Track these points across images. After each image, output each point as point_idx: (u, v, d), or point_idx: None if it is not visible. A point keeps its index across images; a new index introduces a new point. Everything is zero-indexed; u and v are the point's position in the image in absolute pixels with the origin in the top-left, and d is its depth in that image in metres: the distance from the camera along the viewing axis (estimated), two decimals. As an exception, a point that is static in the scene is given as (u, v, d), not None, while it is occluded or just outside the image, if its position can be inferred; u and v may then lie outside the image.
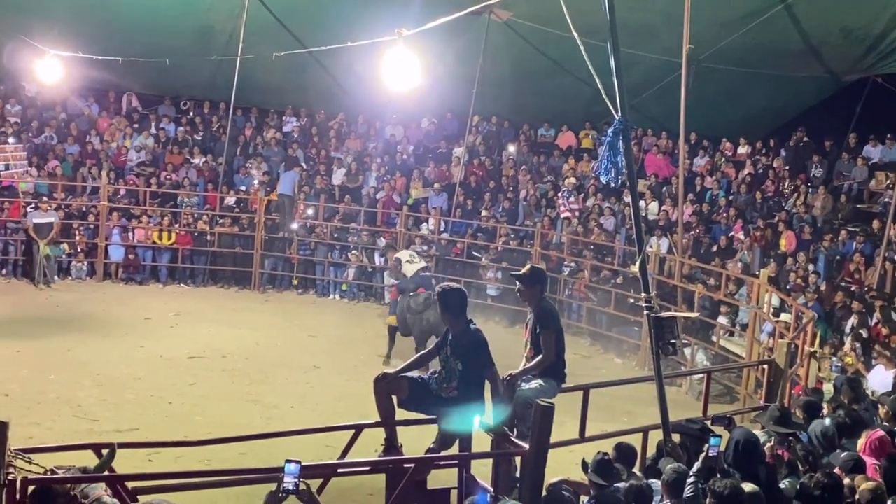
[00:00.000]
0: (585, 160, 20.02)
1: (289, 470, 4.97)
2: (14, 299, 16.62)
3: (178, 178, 20.23)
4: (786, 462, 6.79)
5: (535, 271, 7.41)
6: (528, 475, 5.98)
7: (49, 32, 17.36)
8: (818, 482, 6.03)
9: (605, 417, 9.90)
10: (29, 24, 17.75)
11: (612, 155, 6.82)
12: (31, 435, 9.17)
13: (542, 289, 7.33)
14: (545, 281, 7.43)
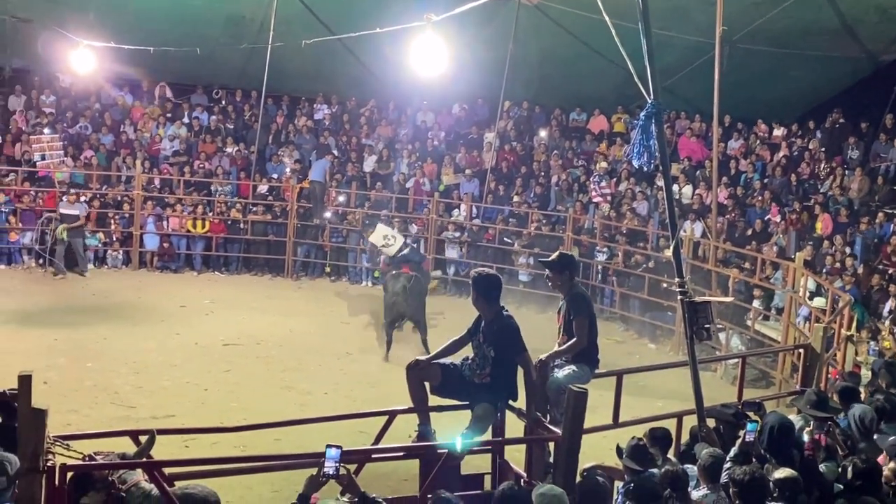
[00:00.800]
0: (618, 144, 19.88)
1: (330, 455, 5.01)
2: (51, 288, 16.86)
3: (212, 166, 20.36)
4: (824, 447, 6.72)
5: (563, 257, 7.34)
6: (561, 461, 5.97)
7: (82, 23, 17.53)
8: (857, 467, 5.96)
9: (639, 403, 9.85)
10: (63, 14, 17.92)
11: (644, 139, 6.75)
12: (69, 422, 9.31)
13: (572, 274, 7.25)
14: (574, 266, 7.36)
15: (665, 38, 15.56)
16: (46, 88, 21.16)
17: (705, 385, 7.25)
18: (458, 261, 18.72)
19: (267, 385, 12.18)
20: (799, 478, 5.69)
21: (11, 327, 14.01)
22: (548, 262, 7.32)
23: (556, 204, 19.17)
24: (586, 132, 21.08)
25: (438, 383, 6.72)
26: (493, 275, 6.74)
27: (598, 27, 12.89)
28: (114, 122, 21.01)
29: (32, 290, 16.60)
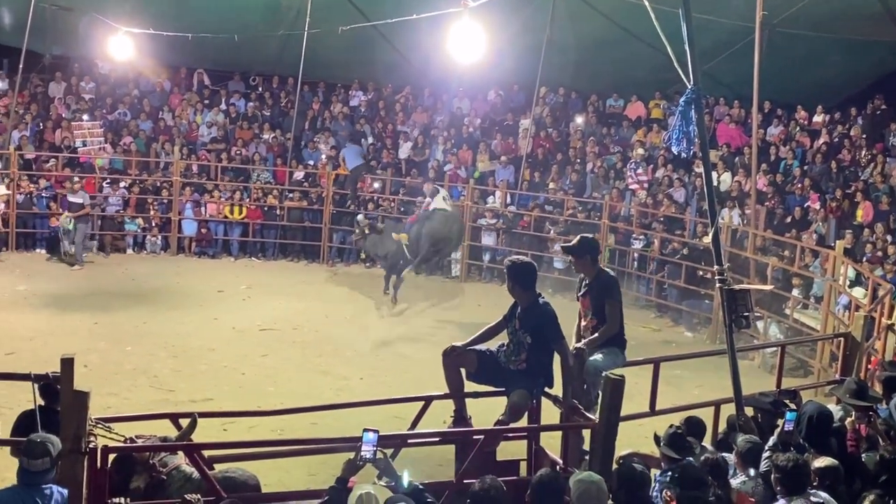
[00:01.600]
0: (655, 131, 19.71)
1: (367, 439, 5.04)
2: (90, 273, 17.08)
3: (249, 153, 20.49)
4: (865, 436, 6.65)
5: (582, 241, 7.23)
6: (598, 448, 5.96)
7: (122, 10, 17.69)
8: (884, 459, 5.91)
9: (675, 391, 9.82)
10: (102, 2, 18.10)
11: (683, 125, 6.70)
12: (110, 405, 9.45)
13: (594, 258, 7.20)
14: (595, 250, 7.28)
15: (704, 21, 15.37)
16: (86, 75, 21.40)
17: (743, 374, 7.20)
18: (494, 248, 18.68)
19: (303, 370, 12.28)
20: (840, 467, 5.65)
21: (53, 311, 14.24)
22: (569, 248, 7.28)
23: (592, 191, 19.07)
24: (623, 118, 20.91)
25: (474, 369, 6.73)
26: (527, 262, 6.72)
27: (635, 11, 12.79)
28: (152, 109, 21.21)
29: (73, 274, 16.84)
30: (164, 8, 18.68)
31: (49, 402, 6.27)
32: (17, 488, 5.02)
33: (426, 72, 20.55)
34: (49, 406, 6.20)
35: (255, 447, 6.80)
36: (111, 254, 18.65)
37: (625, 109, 21.21)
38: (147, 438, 5.96)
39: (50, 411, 6.04)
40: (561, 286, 17.21)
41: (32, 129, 19.79)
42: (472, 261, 18.77)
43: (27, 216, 18.39)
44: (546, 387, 6.64)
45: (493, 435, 6.39)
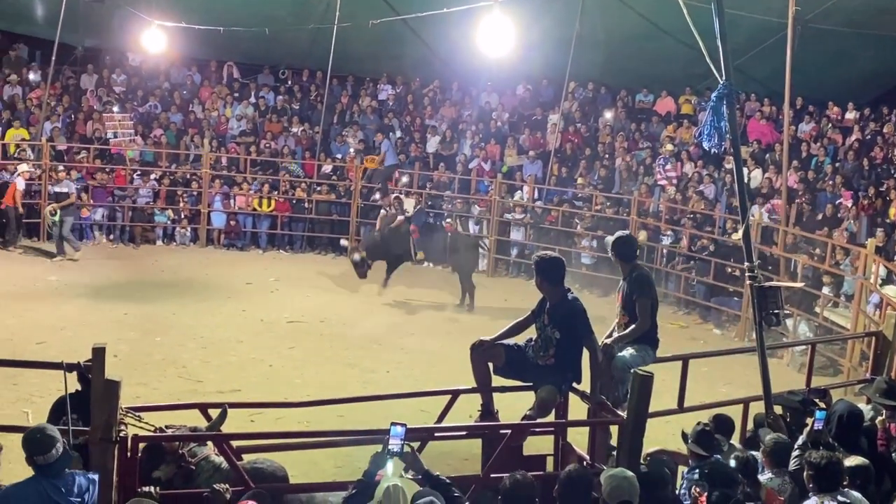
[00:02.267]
0: (685, 126, 19.58)
1: (395, 432, 5.05)
2: (122, 264, 17.23)
3: (277, 146, 20.58)
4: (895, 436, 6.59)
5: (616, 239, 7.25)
6: (625, 444, 5.95)
7: (153, 2, 17.84)
8: None
9: (704, 389, 9.76)
10: (135, -6, 18.24)
11: (715, 120, 6.65)
12: (139, 394, 9.53)
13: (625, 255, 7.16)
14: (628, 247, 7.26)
15: (736, 17, 15.23)
16: (117, 68, 21.57)
17: (771, 372, 7.15)
18: (522, 243, 18.65)
19: (330, 362, 12.32)
20: (870, 466, 5.61)
21: (84, 301, 14.38)
22: (606, 243, 7.29)
23: (621, 186, 18.98)
24: (653, 114, 20.80)
25: (502, 364, 6.73)
26: (555, 257, 6.71)
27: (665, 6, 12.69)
28: (183, 102, 21.35)
29: (104, 264, 16.98)
30: (195, 1, 18.80)
31: (86, 388, 6.36)
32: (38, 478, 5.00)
33: (455, 66, 20.54)
34: (86, 392, 6.29)
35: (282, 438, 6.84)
36: (141, 245, 18.80)
37: (654, 105, 21.09)
38: (176, 429, 6.02)
39: (87, 397, 6.12)
40: (589, 282, 17.19)
41: (64, 121, 19.97)
42: (500, 255, 18.75)
43: (59, 207, 18.54)
44: (574, 382, 6.63)
45: (521, 430, 6.40)
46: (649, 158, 19.19)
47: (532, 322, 6.73)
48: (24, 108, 19.85)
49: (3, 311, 13.40)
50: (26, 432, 5.13)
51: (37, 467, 5.01)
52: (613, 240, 7.21)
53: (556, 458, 6.77)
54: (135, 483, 5.46)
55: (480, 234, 18.84)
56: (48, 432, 5.04)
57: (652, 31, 18.15)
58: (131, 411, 5.76)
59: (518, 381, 6.84)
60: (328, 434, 6.97)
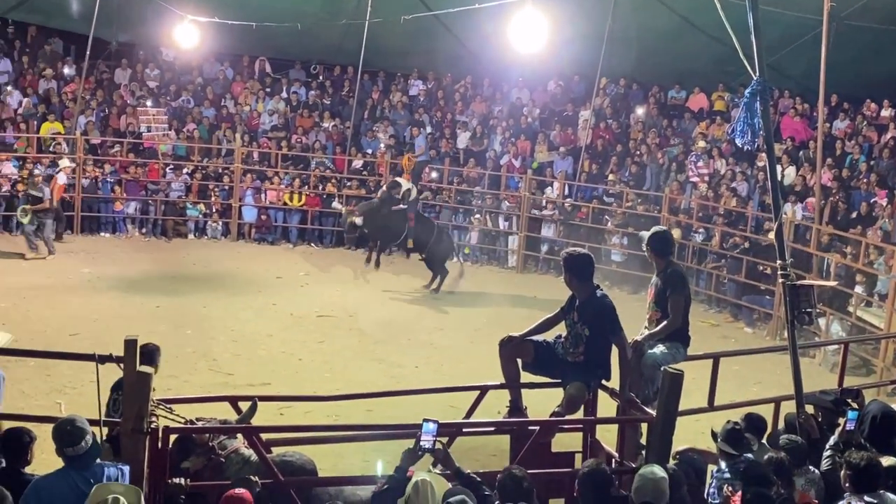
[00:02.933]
0: (717, 123, 19.42)
1: (427, 429, 5.06)
2: (154, 257, 17.39)
3: (308, 141, 20.66)
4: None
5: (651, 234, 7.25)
6: (655, 442, 5.92)
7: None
8: None
9: (734, 388, 9.67)
10: (168, -11, 18.37)
11: (748, 117, 6.60)
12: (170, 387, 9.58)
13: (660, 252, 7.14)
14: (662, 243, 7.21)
15: (770, 14, 15.04)
16: (151, 62, 21.74)
17: (803, 372, 7.07)
18: (552, 239, 18.60)
19: (359, 357, 12.36)
20: (904, 466, 5.55)
21: (116, 294, 14.53)
22: (641, 237, 7.26)
23: (653, 183, 18.86)
24: (685, 110, 20.64)
25: (531, 360, 6.73)
26: (584, 254, 6.70)
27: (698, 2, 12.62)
28: (215, 96, 21.49)
29: (136, 258, 17.15)
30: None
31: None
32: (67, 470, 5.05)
33: (486, 61, 20.50)
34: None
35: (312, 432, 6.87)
36: (173, 238, 18.96)
37: (687, 101, 20.92)
38: (206, 421, 6.07)
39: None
40: (619, 279, 17.13)
41: (98, 115, 20.18)
42: (529, 252, 18.71)
43: (92, 200, 18.76)
44: (603, 379, 6.62)
45: (549, 426, 6.39)
46: (682, 155, 19.05)
47: (561, 319, 6.72)
48: (59, 102, 20.07)
49: (38, 302, 13.58)
50: (56, 424, 5.19)
51: (66, 459, 5.07)
52: (650, 234, 7.19)
53: (584, 456, 6.74)
54: (165, 474, 5.51)
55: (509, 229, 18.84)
56: (78, 424, 5.09)
57: (684, 28, 18.00)
58: (162, 403, 5.81)
59: (547, 377, 6.83)
60: (357, 428, 7.00)
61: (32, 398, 9.65)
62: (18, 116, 19.26)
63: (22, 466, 5.33)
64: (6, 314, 12.84)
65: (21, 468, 5.32)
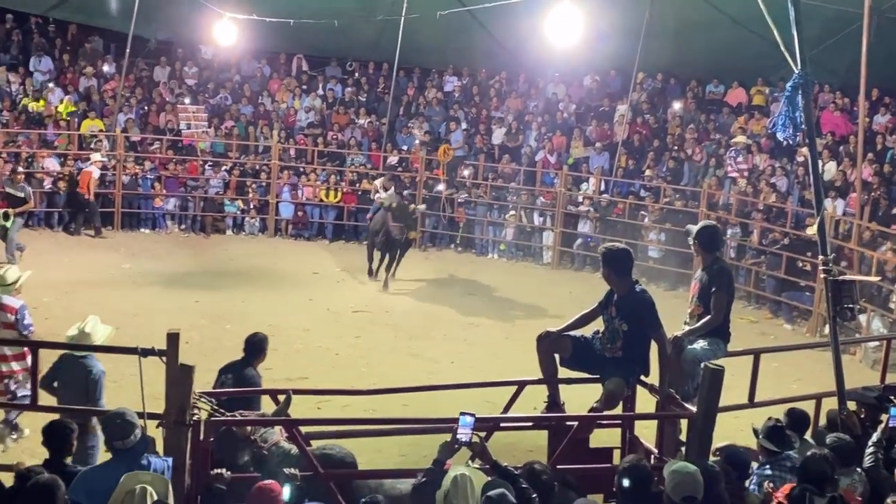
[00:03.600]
0: (756, 118, 19.21)
1: (464, 422, 5.07)
2: (193, 252, 17.57)
3: (344, 137, 20.75)
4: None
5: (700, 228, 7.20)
6: (695, 438, 5.88)
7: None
8: None
9: (773, 384, 9.57)
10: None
11: (790, 110, 6.53)
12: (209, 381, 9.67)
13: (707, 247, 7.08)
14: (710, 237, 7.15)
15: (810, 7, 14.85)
16: (189, 60, 21.92)
17: (844, 368, 7.00)
18: (587, 235, 18.51)
19: (395, 352, 12.41)
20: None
21: (156, 289, 14.70)
22: (688, 233, 7.25)
23: (690, 179, 18.71)
24: (723, 105, 20.44)
25: (569, 355, 6.70)
26: (623, 248, 6.68)
27: (739, -5, 12.47)
28: (253, 94, 21.63)
29: (175, 253, 17.34)
30: (266, -6, 19.03)
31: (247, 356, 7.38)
32: (116, 462, 5.13)
33: (521, 57, 20.44)
34: (245, 359, 7.37)
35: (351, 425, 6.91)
36: (211, 234, 19.14)
37: (725, 96, 20.72)
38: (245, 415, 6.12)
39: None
40: (656, 275, 17.01)
41: (137, 112, 20.40)
42: (565, 248, 18.65)
43: (132, 197, 18.97)
44: (642, 375, 6.58)
45: (587, 422, 6.37)
46: (722, 149, 18.86)
47: (599, 314, 6.69)
48: (99, 100, 20.31)
49: (80, 297, 13.75)
50: (105, 417, 5.27)
51: (115, 451, 5.15)
52: (699, 228, 7.13)
53: (622, 452, 6.72)
54: (207, 466, 5.56)
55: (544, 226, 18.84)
56: (127, 418, 5.18)
57: (723, 21, 17.83)
58: (204, 396, 5.87)
59: (585, 372, 6.81)
60: (395, 422, 7.03)
61: (75, 391, 9.77)
62: (59, 114, 19.52)
63: (64, 458, 5.43)
64: (49, 309, 13.01)
65: (63, 460, 5.41)
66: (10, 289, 8.68)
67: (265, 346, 7.56)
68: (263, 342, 7.55)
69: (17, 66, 20.42)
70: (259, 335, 7.60)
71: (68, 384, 7.47)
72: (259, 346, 7.53)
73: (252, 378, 7.37)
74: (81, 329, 7.69)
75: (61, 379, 7.55)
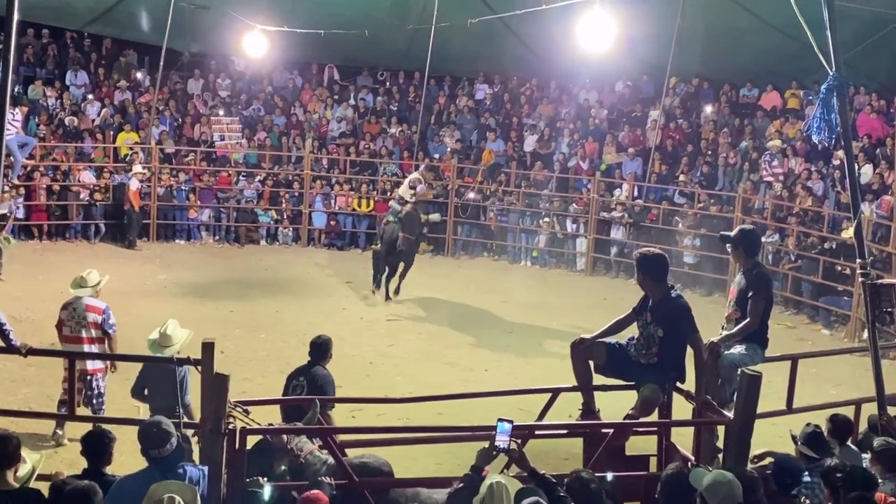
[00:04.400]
0: (791, 121, 19.01)
1: (502, 429, 5.05)
2: (227, 263, 17.71)
3: (376, 147, 20.82)
4: None
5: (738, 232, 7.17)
6: (732, 445, 5.81)
7: (256, 7, 18.24)
8: None
9: (812, 390, 9.46)
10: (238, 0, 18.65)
11: (825, 113, 6.46)
12: (244, 390, 9.74)
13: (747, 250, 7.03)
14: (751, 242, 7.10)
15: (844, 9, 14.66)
16: (222, 72, 22.14)
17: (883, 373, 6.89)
18: (621, 241, 18.41)
19: (429, 360, 12.40)
20: None
21: (191, 299, 14.81)
22: (725, 237, 7.23)
23: (725, 183, 18.55)
24: (758, 108, 20.24)
25: (603, 362, 6.65)
26: (658, 254, 6.63)
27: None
28: (285, 104, 21.78)
29: (210, 264, 17.48)
30: (297, 5, 19.16)
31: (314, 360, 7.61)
32: (151, 470, 5.16)
33: (553, 63, 20.37)
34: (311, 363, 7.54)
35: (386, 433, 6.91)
36: (245, 245, 19.27)
37: (759, 99, 20.51)
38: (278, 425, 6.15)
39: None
40: (691, 280, 16.88)
41: (171, 125, 20.62)
42: (598, 254, 18.56)
43: (167, 208, 19.16)
44: (678, 381, 6.52)
45: (623, 429, 6.31)
46: (755, 153, 18.67)
47: (633, 320, 6.64)
48: (135, 112, 20.55)
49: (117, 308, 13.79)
50: (142, 426, 5.31)
51: (151, 460, 5.19)
52: (738, 232, 7.10)
53: (659, 459, 6.65)
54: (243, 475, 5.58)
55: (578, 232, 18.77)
56: (163, 427, 5.22)
57: (756, 24, 17.66)
58: (239, 405, 5.90)
59: (620, 379, 6.76)
60: (430, 430, 7.01)
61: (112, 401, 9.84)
62: (96, 127, 19.77)
63: (103, 467, 5.47)
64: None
65: (102, 469, 5.46)
66: (92, 290, 9.29)
67: (330, 348, 7.79)
68: (328, 344, 7.78)
69: (53, 80, 20.73)
70: (323, 337, 7.85)
71: (158, 387, 7.74)
72: (324, 347, 7.77)
73: (324, 376, 7.59)
74: (162, 332, 8.02)
75: (150, 384, 7.90)
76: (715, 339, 6.69)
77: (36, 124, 19.17)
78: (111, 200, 18.40)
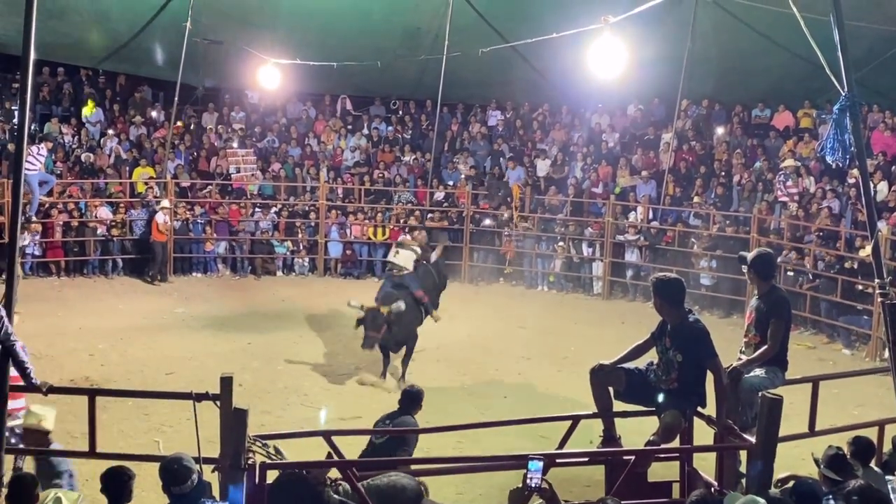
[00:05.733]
0: (805, 141, 18.97)
1: (533, 467, 5.01)
2: (243, 295, 17.73)
3: (390, 175, 20.91)
4: None
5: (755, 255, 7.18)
6: (756, 470, 5.76)
7: (268, 41, 18.42)
8: None
9: (834, 411, 9.38)
10: (251, 35, 18.85)
11: (838, 133, 6.46)
12: (263, 423, 9.74)
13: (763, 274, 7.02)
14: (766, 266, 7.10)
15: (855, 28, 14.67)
16: (236, 105, 22.34)
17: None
18: (637, 264, 18.37)
19: (447, 388, 12.33)
20: None
21: (209, 332, 14.85)
22: (742, 258, 7.25)
23: (740, 204, 18.50)
24: (770, 129, 20.22)
25: (623, 388, 6.63)
26: (674, 278, 6.61)
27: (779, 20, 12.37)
28: (299, 135, 21.93)
29: (227, 296, 17.52)
30: (309, 38, 19.34)
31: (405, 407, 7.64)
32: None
33: (564, 89, 20.45)
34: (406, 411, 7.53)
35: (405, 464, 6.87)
36: (262, 276, 19.32)
37: (772, 120, 20.50)
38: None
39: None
40: (709, 302, 16.82)
41: (186, 158, 20.77)
42: (615, 278, 18.52)
43: (184, 241, 19.26)
44: (699, 406, 6.48)
45: (645, 455, 6.27)
46: (770, 173, 18.63)
47: (652, 345, 6.62)
48: (150, 147, 20.72)
49: (135, 343, 13.96)
50: (163, 462, 5.31)
51: (172, 497, 5.19)
52: (754, 256, 7.09)
53: (682, 485, 6.60)
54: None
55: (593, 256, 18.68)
56: (185, 463, 5.22)
57: (767, 46, 17.69)
58: (258, 439, 5.89)
59: (640, 405, 6.72)
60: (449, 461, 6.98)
61: (132, 437, 9.90)
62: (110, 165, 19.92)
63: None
64: (105, 355, 13.23)
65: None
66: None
67: (421, 398, 7.97)
68: (420, 395, 7.97)
69: (69, 117, 20.95)
70: (415, 387, 8.08)
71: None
72: (416, 397, 7.95)
73: (409, 424, 7.70)
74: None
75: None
76: (736, 365, 6.67)
77: (52, 161, 19.34)
78: (129, 235, 18.48)
